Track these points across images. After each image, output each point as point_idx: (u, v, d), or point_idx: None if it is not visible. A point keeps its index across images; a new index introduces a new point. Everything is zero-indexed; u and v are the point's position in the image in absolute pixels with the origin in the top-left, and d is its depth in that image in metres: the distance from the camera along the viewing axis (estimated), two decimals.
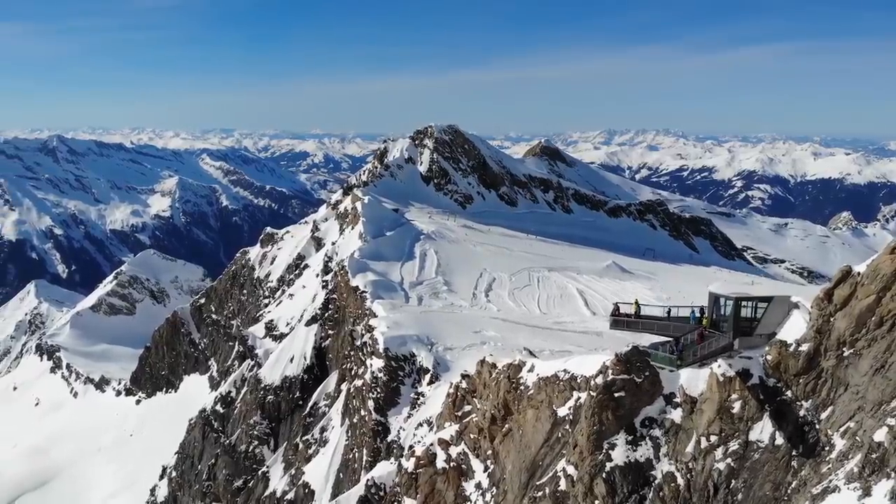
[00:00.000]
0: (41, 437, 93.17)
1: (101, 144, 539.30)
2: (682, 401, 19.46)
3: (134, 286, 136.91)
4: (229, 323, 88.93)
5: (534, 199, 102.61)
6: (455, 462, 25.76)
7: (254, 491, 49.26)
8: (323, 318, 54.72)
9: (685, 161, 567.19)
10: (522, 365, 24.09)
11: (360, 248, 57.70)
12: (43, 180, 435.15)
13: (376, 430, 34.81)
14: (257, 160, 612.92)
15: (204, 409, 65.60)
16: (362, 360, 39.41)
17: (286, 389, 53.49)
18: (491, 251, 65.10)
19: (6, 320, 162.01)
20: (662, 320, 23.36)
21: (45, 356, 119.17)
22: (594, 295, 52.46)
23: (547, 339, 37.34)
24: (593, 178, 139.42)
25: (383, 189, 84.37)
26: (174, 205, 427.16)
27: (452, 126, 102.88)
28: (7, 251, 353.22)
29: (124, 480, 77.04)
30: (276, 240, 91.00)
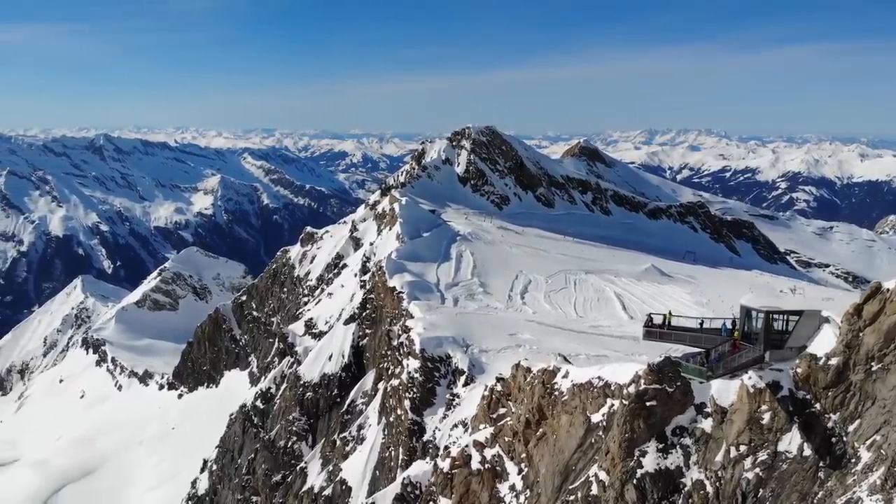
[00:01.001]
0: (86, 429, 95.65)
1: (146, 143, 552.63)
2: (712, 411, 19.80)
3: (177, 283, 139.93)
4: (269, 320, 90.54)
5: (571, 200, 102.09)
6: (490, 464, 26.11)
7: (292, 486, 50.11)
8: (361, 318, 55.44)
9: (728, 162, 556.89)
10: (557, 371, 24.35)
11: (398, 249, 58.19)
12: (90, 178, 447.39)
13: (412, 429, 35.29)
14: (297, 160, 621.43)
15: (244, 405, 66.81)
16: (399, 360, 39.96)
17: (324, 387, 54.30)
18: (527, 253, 64.92)
19: (53, 314, 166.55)
20: (694, 332, 23.52)
21: (90, 350, 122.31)
22: (632, 298, 52.07)
23: (583, 343, 37.29)
24: (633, 179, 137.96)
25: (420, 190, 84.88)
26: (216, 203, 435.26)
27: (490, 127, 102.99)
28: (54, 246, 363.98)
29: (166, 473, 78.76)
30: (315, 239, 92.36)
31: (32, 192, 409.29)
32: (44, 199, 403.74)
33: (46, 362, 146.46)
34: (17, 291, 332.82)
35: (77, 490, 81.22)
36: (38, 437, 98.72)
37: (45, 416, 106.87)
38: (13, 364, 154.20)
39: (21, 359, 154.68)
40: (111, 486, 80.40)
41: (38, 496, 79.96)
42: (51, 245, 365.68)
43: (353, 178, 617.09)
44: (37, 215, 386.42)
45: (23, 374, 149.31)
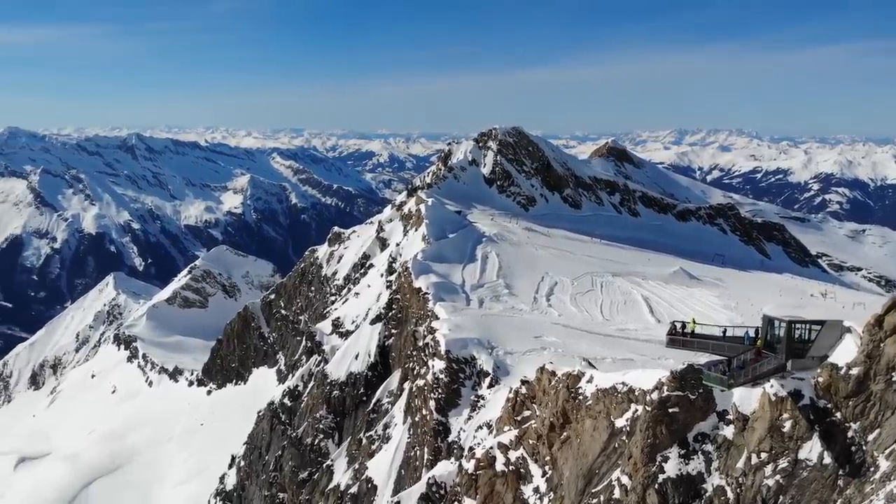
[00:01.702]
0: (117, 424, 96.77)
1: (177, 143, 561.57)
2: (734, 418, 20.10)
3: (207, 280, 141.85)
4: (297, 318, 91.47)
5: (599, 201, 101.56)
6: (514, 466, 26.29)
7: (318, 483, 50.68)
8: (387, 318, 55.88)
9: (759, 162, 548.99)
10: (581, 375, 24.53)
11: (423, 250, 58.49)
12: (122, 176, 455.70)
13: (437, 429, 35.53)
14: (325, 159, 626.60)
15: (272, 402, 67.59)
16: (424, 361, 40.26)
17: (351, 385, 54.83)
18: (553, 254, 64.80)
19: (86, 310, 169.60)
20: (717, 340, 23.87)
21: (122, 346, 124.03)
22: (659, 302, 51.73)
23: (609, 346, 37.19)
24: (662, 180, 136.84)
25: (446, 191, 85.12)
26: (246, 202, 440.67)
27: (516, 128, 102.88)
28: (87, 244, 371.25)
29: (194, 468, 79.78)
30: (342, 239, 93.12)
31: (66, 191, 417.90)
32: (77, 197, 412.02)
33: (79, 357, 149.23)
34: (51, 288, 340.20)
35: (107, 484, 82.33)
36: (70, 431, 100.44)
37: (77, 411, 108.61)
38: (46, 359, 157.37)
39: (54, 354, 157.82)
40: (141, 480, 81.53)
41: (70, 489, 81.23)
42: (84, 242, 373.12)
43: (379, 178, 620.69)
44: (70, 213, 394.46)
45: (55, 368, 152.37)
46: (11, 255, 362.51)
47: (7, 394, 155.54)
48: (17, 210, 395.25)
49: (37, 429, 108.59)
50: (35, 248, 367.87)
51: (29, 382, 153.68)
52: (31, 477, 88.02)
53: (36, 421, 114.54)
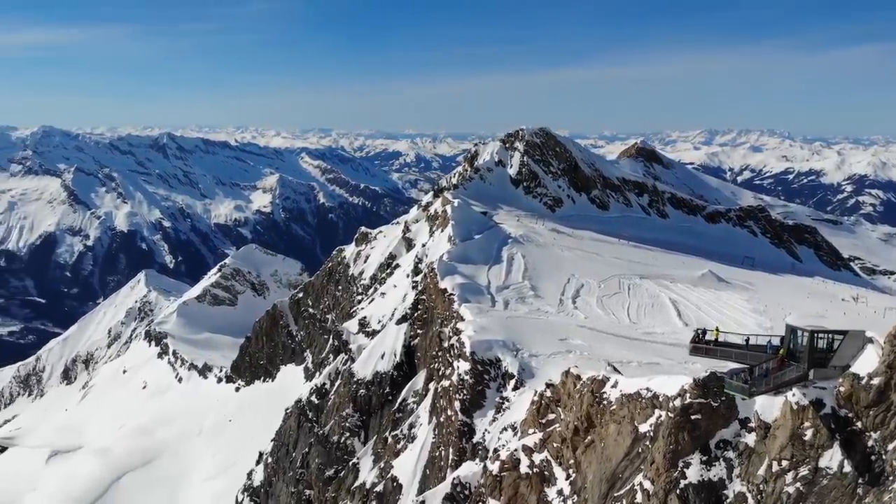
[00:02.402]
0: (147, 419, 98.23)
1: (207, 142, 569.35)
2: (756, 426, 20.35)
3: (236, 278, 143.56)
4: (324, 317, 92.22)
5: (627, 202, 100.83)
6: (538, 468, 26.40)
7: (344, 481, 51.09)
8: (412, 318, 56.12)
9: (791, 163, 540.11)
10: (606, 380, 24.64)
11: (449, 251, 58.57)
12: (153, 175, 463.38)
13: (462, 430, 35.67)
14: (353, 159, 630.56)
15: (299, 400, 68.07)
16: (449, 362, 40.42)
17: (377, 384, 55.19)
18: (580, 256, 64.47)
19: (118, 307, 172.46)
20: (740, 348, 23.92)
21: (153, 342, 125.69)
22: (687, 305, 51.28)
23: (635, 350, 37.01)
24: (691, 181, 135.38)
25: (473, 192, 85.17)
26: (275, 201, 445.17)
27: (544, 129, 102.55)
28: (119, 241, 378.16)
29: (223, 463, 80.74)
30: (369, 239, 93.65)
31: (99, 189, 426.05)
32: (110, 195, 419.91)
33: (110, 353, 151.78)
34: (83, 284, 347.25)
35: (137, 477, 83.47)
36: (101, 425, 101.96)
37: (108, 406, 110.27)
38: (79, 354, 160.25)
39: (86, 349, 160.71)
40: (170, 474, 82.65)
41: (101, 483, 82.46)
42: (116, 240, 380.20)
43: (406, 178, 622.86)
44: (103, 211, 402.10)
45: (88, 364, 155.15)
46: (45, 252, 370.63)
47: (40, 388, 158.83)
48: (52, 208, 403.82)
49: (69, 423, 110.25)
50: (68, 245, 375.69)
51: (61, 377, 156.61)
52: (63, 470, 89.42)
53: (68, 415, 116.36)
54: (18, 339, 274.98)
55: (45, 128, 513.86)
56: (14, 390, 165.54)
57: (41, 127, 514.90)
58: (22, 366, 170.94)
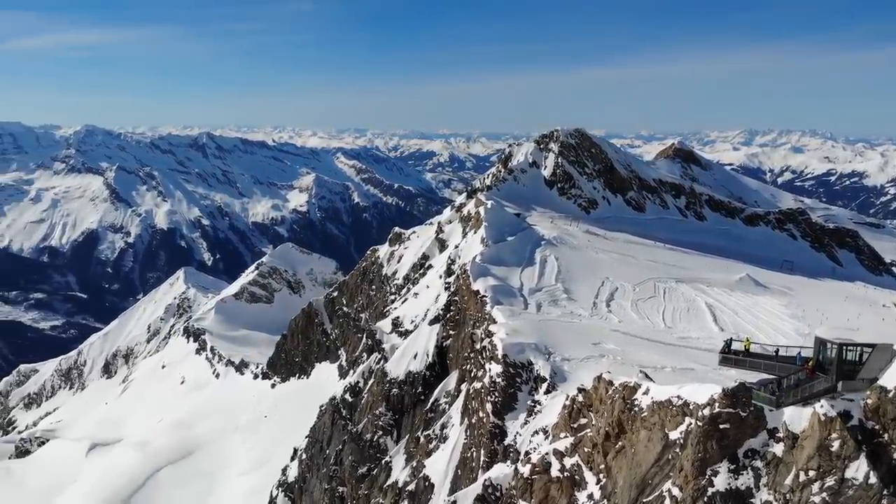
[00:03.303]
0: (185, 413, 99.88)
1: (245, 142, 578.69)
2: (784, 436, 20.61)
3: (273, 276, 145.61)
4: (358, 316, 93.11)
5: (664, 204, 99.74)
6: (569, 472, 26.49)
7: (377, 479, 51.60)
8: (445, 319, 56.39)
9: (833, 165, 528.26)
10: (637, 387, 24.73)
11: (482, 253, 58.60)
12: (193, 174, 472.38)
13: (494, 432, 35.83)
14: (387, 159, 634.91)
15: (334, 397, 68.75)
16: (481, 364, 40.58)
17: (409, 384, 55.56)
18: (614, 259, 63.92)
19: (157, 303, 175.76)
20: (769, 359, 24.32)
21: (191, 338, 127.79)
22: (724, 310, 50.52)
23: (669, 355, 36.69)
24: (730, 183, 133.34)
25: (506, 193, 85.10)
26: (311, 200, 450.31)
27: (579, 129, 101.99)
28: (159, 239, 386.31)
29: (258, 459, 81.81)
30: (403, 239, 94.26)
31: (140, 187, 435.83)
32: (150, 193, 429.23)
33: (150, 348, 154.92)
34: (124, 280, 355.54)
35: (175, 471, 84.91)
36: (140, 419, 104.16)
37: (147, 400, 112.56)
38: (119, 349, 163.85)
39: (126, 344, 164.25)
40: (207, 468, 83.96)
41: (139, 475, 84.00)
42: (156, 237, 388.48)
43: (439, 178, 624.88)
44: (143, 209, 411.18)
45: (127, 358, 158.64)
46: (87, 249, 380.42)
47: (81, 382, 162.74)
48: (94, 205, 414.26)
49: (109, 416, 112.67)
50: (110, 242, 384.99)
51: (102, 371, 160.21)
52: (103, 462, 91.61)
53: (108, 408, 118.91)
54: (60, 334, 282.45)
55: (87, 127, 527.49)
56: (56, 383, 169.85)
57: (84, 126, 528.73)
58: (64, 359, 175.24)
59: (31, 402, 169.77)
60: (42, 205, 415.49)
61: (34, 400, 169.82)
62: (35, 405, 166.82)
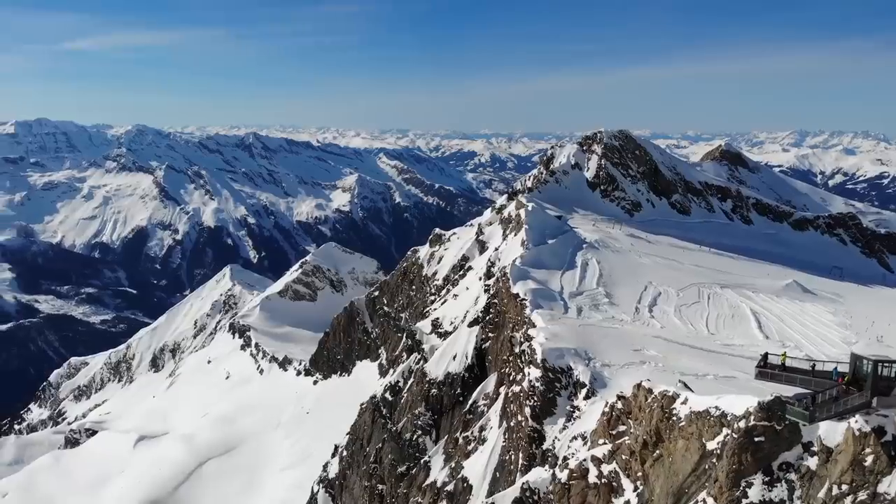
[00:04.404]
0: (229, 408, 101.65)
1: (290, 142, 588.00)
2: (818, 450, 20.82)
3: (316, 275, 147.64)
4: (399, 315, 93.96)
5: (709, 207, 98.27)
6: (606, 479, 26.49)
7: (416, 478, 51.96)
8: (484, 321, 56.48)
9: (886, 167, 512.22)
10: (676, 397, 24.69)
11: (522, 256, 58.43)
12: (239, 173, 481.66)
13: (532, 436, 35.87)
14: (428, 159, 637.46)
15: (374, 396, 69.42)
16: (520, 367, 40.61)
17: (448, 385, 55.78)
18: (658, 263, 63.14)
19: (204, 299, 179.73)
20: (805, 374, 24.63)
21: (236, 334, 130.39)
22: (769, 316, 49.53)
23: (712, 362, 36.24)
24: (778, 186, 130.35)
25: (547, 195, 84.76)
26: (353, 200, 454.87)
27: (623, 131, 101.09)
28: (206, 236, 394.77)
29: (300, 454, 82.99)
30: (443, 240, 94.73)
31: (188, 186, 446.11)
32: (198, 192, 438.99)
33: (196, 344, 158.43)
34: (172, 276, 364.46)
35: (219, 464, 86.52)
36: (186, 412, 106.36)
37: (193, 394, 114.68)
38: (166, 343, 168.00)
39: (173, 339, 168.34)
40: (250, 463, 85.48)
41: (185, 468, 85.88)
42: (203, 235, 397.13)
43: (480, 178, 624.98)
44: (191, 207, 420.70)
45: (174, 353, 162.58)
46: (137, 245, 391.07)
47: (129, 375, 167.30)
48: (144, 203, 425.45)
49: (156, 409, 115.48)
50: (159, 239, 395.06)
51: (150, 365, 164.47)
52: (150, 455, 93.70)
53: (155, 402, 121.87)
54: (110, 328, 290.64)
55: (138, 126, 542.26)
56: (105, 376, 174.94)
57: (135, 126, 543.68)
58: (113, 353, 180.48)
59: (81, 393, 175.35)
60: (94, 202, 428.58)
61: (84, 392, 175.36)
62: (85, 397, 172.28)
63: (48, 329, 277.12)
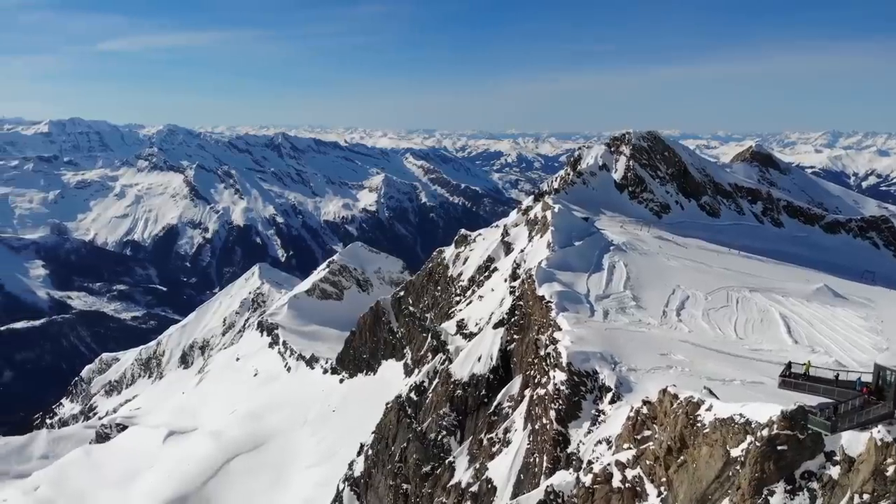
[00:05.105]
0: (257, 405, 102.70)
1: (319, 142, 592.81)
2: (840, 459, 20.87)
3: (343, 274, 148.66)
4: (424, 316, 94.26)
5: (739, 210, 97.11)
6: (630, 484, 26.49)
7: (440, 478, 52.24)
8: (509, 323, 56.56)
9: None
10: (701, 403, 24.67)
11: (548, 258, 58.24)
12: (268, 173, 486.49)
13: (557, 439, 35.89)
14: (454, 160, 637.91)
15: (399, 395, 69.76)
16: (545, 370, 40.62)
17: (473, 386, 55.90)
18: (686, 266, 62.45)
19: (233, 297, 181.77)
20: (829, 384, 24.60)
21: (265, 332, 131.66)
22: (798, 321, 48.82)
23: (739, 367, 35.90)
24: (810, 187, 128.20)
25: (574, 197, 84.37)
26: (380, 200, 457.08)
27: (652, 132, 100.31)
28: (236, 235, 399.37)
29: (326, 452, 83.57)
30: (468, 241, 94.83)
31: (218, 185, 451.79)
32: (228, 191, 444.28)
33: (225, 341, 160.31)
34: (202, 274, 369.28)
35: (246, 461, 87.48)
36: (215, 409, 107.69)
37: (221, 391, 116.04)
38: (195, 340, 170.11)
39: (203, 336, 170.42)
40: (277, 460, 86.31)
41: (213, 463, 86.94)
42: (232, 234, 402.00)
43: (506, 178, 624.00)
44: (221, 206, 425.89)
45: (203, 350, 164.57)
46: (167, 243, 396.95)
47: (159, 371, 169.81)
48: (174, 202, 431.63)
49: (185, 405, 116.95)
50: (189, 238, 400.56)
51: (179, 361, 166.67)
52: (179, 450, 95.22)
53: (184, 398, 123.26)
54: (141, 324, 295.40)
55: (169, 126, 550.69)
56: (136, 372, 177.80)
57: (166, 125, 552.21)
58: (144, 349, 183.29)
59: (112, 389, 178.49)
60: (126, 200, 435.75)
61: (115, 387, 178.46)
62: (115, 392, 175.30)
63: (80, 325, 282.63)
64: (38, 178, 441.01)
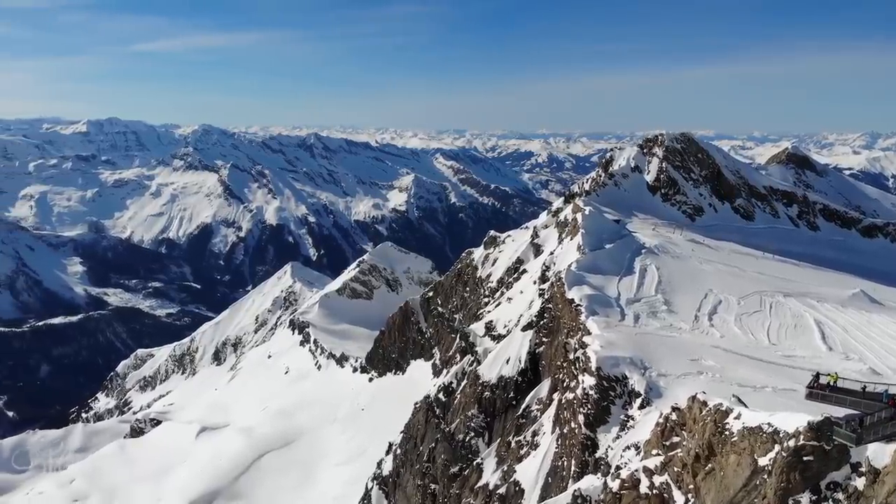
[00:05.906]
0: (288, 402, 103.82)
1: (350, 143, 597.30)
2: (866, 471, 20.85)
3: (373, 274, 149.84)
4: (452, 316, 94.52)
5: (774, 213, 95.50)
6: (657, 490, 26.38)
7: (468, 479, 52.37)
8: (538, 326, 56.42)
9: None
10: (730, 411, 24.51)
11: (578, 261, 57.86)
12: (301, 173, 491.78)
13: (585, 444, 35.79)
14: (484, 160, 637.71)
15: (428, 395, 70.03)
16: (574, 374, 40.48)
17: (501, 388, 55.96)
18: (719, 270, 61.61)
19: (265, 295, 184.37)
20: (856, 396, 24.69)
21: (296, 330, 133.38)
22: (833, 327, 47.93)
23: (772, 374, 35.40)
24: (847, 190, 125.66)
25: (606, 199, 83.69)
26: (409, 200, 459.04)
27: (685, 134, 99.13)
28: (268, 234, 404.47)
29: (355, 450, 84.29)
30: (497, 243, 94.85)
31: (251, 185, 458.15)
32: (261, 191, 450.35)
33: (257, 338, 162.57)
34: (235, 272, 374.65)
35: (277, 457, 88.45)
36: (246, 405, 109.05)
37: (253, 388, 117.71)
38: (228, 338, 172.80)
39: (235, 333, 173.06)
40: (306, 457, 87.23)
41: (244, 460, 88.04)
42: (265, 232, 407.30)
43: (536, 179, 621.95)
44: (254, 205, 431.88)
45: (236, 347, 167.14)
46: (202, 242, 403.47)
47: (193, 367, 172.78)
48: (209, 201, 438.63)
49: (217, 402, 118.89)
50: (222, 236, 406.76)
51: (212, 358, 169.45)
52: (211, 446, 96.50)
53: (217, 394, 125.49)
54: (175, 321, 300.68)
55: (204, 126, 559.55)
56: (169, 368, 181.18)
57: (201, 125, 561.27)
58: (178, 346, 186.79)
59: (147, 384, 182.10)
60: (161, 199, 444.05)
61: (149, 383, 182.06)
62: (150, 388, 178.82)
63: (116, 321, 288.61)
64: (76, 177, 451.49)
